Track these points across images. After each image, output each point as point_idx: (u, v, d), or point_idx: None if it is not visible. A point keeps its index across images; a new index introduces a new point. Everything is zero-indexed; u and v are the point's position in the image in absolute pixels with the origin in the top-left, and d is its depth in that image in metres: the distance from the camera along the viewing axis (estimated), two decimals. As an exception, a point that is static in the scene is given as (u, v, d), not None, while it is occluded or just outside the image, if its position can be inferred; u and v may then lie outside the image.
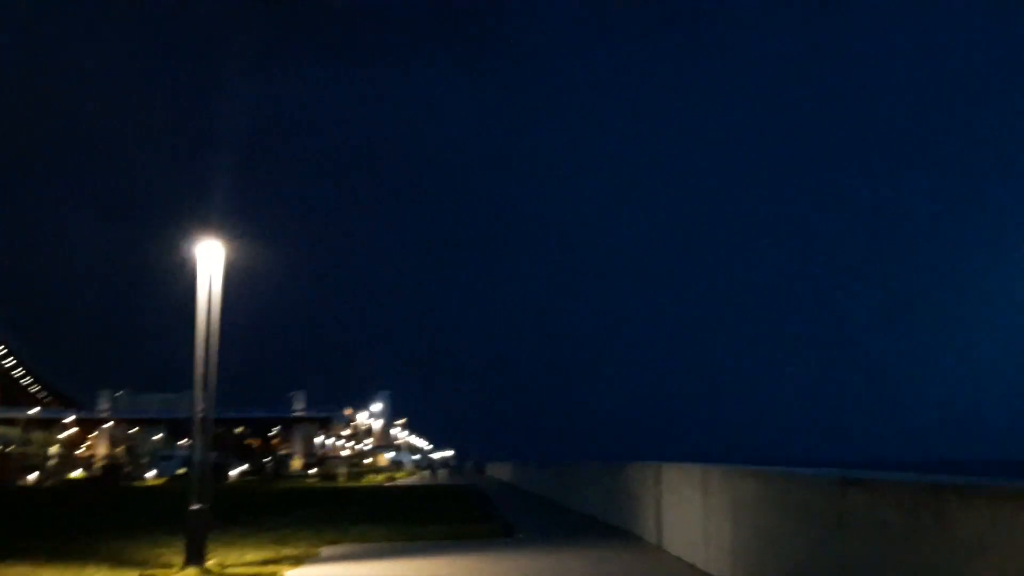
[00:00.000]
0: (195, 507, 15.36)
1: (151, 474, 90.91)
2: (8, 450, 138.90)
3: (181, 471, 77.32)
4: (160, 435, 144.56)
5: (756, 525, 11.59)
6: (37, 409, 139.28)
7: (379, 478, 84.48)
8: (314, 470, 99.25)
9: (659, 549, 16.66)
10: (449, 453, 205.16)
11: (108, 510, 32.56)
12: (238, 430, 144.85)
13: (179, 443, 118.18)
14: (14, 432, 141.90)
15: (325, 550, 17.81)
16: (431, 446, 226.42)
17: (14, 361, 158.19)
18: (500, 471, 74.94)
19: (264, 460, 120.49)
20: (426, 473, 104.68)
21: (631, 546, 17.50)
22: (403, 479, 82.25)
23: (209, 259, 16.37)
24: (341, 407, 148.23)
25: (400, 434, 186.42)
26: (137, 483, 74.27)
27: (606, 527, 21.73)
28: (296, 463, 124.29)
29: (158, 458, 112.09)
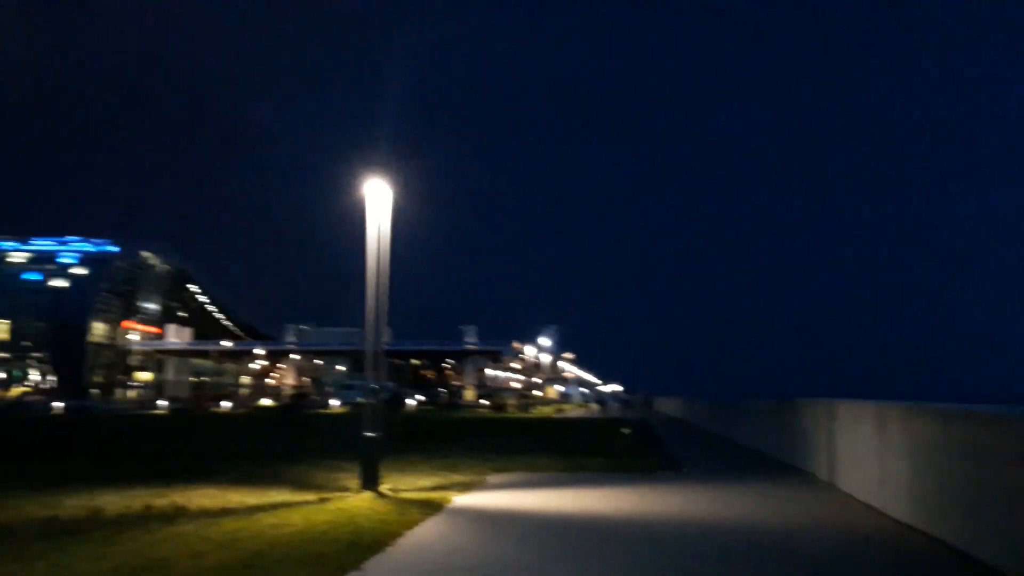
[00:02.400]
0: (369, 435, 16.00)
1: (335, 402, 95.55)
2: (203, 380, 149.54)
3: (362, 400, 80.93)
4: (343, 366, 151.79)
5: (937, 466, 10.98)
6: (230, 343, 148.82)
7: (548, 410, 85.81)
8: (485, 401, 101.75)
9: (831, 487, 16.14)
10: (618, 387, 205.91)
11: (294, 436, 34.47)
12: (415, 362, 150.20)
13: (360, 374, 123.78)
14: (209, 363, 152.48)
15: (493, 478, 18.21)
16: (600, 380, 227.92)
17: (207, 298, 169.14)
18: (668, 406, 74.62)
19: (439, 390, 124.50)
20: (594, 406, 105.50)
21: (802, 483, 17.03)
22: (571, 412, 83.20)
23: (377, 198, 16.73)
24: (511, 341, 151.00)
25: (569, 368, 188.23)
26: (322, 411, 78.31)
27: (775, 463, 21.24)
28: (468, 394, 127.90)
29: (340, 387, 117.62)
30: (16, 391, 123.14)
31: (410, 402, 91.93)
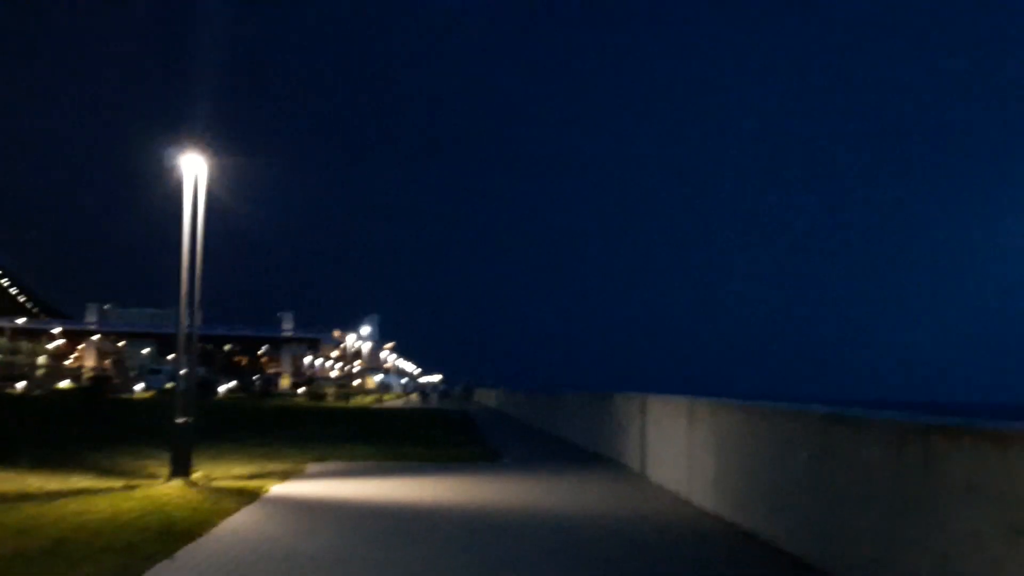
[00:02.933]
0: (180, 420, 15.39)
1: (139, 387, 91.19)
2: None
3: (169, 385, 77.57)
4: (148, 349, 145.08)
5: (740, 458, 11.66)
6: (24, 320, 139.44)
7: (367, 400, 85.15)
8: (302, 390, 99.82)
9: (642, 477, 16.83)
10: (438, 378, 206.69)
11: (95, 421, 32.69)
12: (227, 347, 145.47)
13: (167, 358, 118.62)
14: (1, 341, 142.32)
15: (311, 467, 17.93)
16: (419, 370, 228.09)
17: (0, 272, 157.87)
18: (488, 397, 75.57)
19: (253, 378, 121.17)
20: (414, 396, 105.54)
21: (615, 473, 17.67)
22: (391, 402, 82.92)
23: (193, 172, 16.10)
24: (329, 329, 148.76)
25: (388, 358, 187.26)
26: (125, 396, 74.55)
27: (591, 455, 21.94)
28: (284, 382, 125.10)
29: (146, 372, 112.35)
30: None
31: (221, 389, 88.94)
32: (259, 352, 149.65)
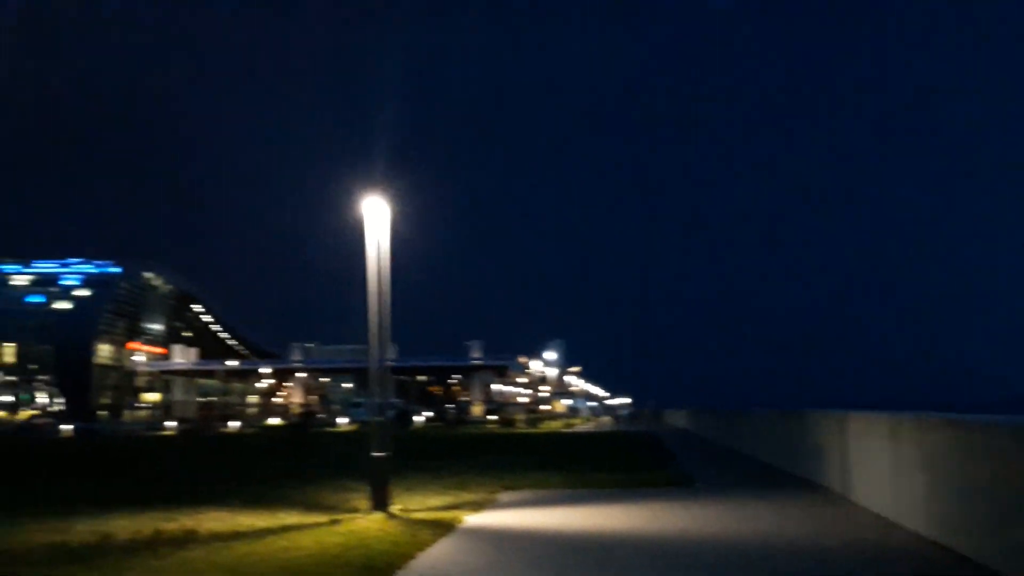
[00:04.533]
0: (378, 454, 15.90)
1: (343, 420, 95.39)
2: (211, 399, 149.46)
3: (370, 418, 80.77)
4: (349, 384, 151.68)
5: (952, 477, 10.87)
6: (235, 362, 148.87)
7: (556, 424, 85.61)
8: (493, 416, 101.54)
9: (844, 499, 16.01)
10: (626, 400, 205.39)
11: (302, 455, 34.36)
12: (421, 378, 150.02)
13: (367, 391, 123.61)
14: (215, 383, 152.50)
15: (503, 496, 18.09)
16: (607, 394, 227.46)
17: (211, 318, 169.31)
18: (677, 418, 74.37)
19: (446, 407, 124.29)
20: (604, 419, 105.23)
21: (814, 495, 16.89)
22: (580, 426, 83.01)
23: (376, 215, 16.67)
24: (517, 355, 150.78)
25: (575, 382, 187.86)
26: (330, 429, 78.16)
27: (787, 476, 21.09)
28: (476, 409, 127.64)
29: (348, 405, 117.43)
30: (24, 414, 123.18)
31: (418, 419, 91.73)
32: (450, 381, 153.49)
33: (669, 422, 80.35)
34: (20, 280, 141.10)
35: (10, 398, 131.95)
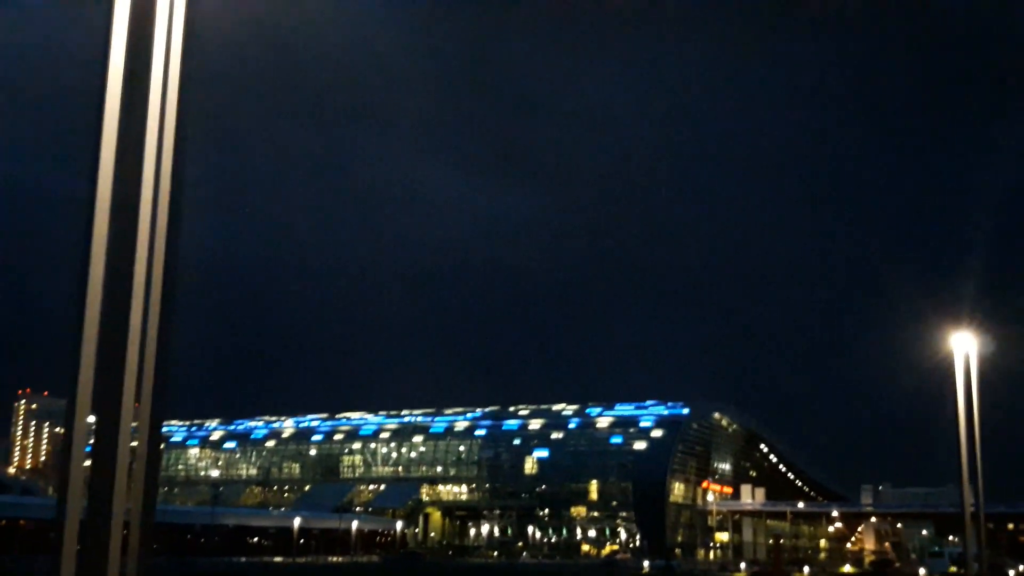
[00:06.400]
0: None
1: (922, 572, 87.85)
2: (781, 541, 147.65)
3: (952, 569, 73.35)
4: (925, 531, 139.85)
5: None
6: (802, 503, 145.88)
7: None
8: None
9: None
10: None
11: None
12: (1010, 526, 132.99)
13: (948, 539, 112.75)
14: (783, 524, 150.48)
15: None
16: None
17: (777, 457, 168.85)
18: None
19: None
20: None
21: None
22: None
23: (962, 350, 15.82)
24: None
25: None
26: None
27: None
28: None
29: (927, 554, 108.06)
30: (608, 549, 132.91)
31: (1011, 573, 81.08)
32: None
33: None
34: (603, 422, 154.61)
35: (592, 533, 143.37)
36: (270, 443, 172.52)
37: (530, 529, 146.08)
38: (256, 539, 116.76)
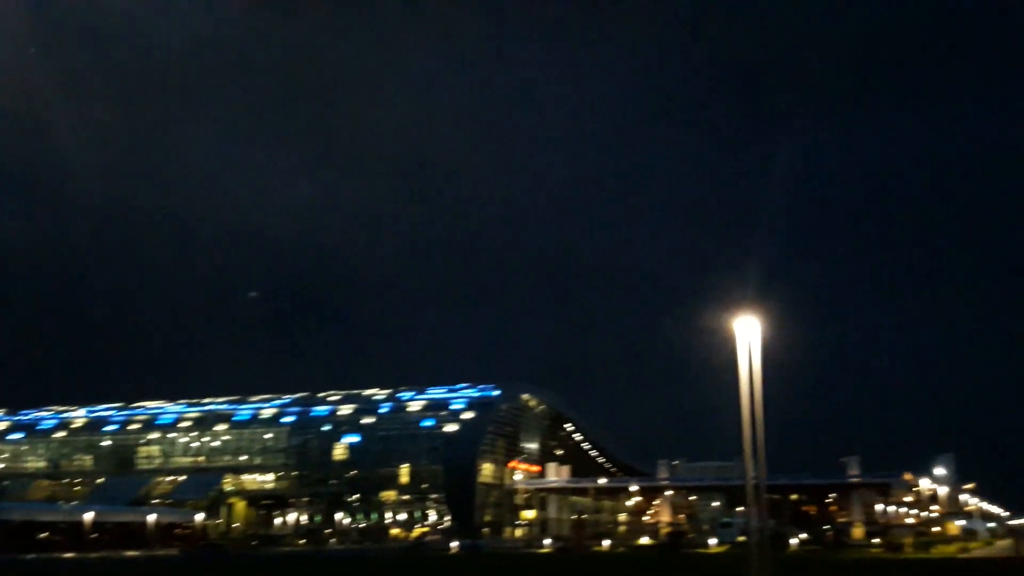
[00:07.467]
0: (757, 580, 15.53)
1: (712, 541, 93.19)
2: (583, 517, 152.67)
3: (741, 539, 78.25)
4: (717, 502, 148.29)
5: None
6: (605, 480, 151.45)
7: (950, 549, 77.54)
8: (876, 539, 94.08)
9: None
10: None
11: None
12: (793, 497, 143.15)
13: (737, 510, 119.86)
14: (587, 501, 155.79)
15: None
16: (1007, 513, 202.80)
17: (581, 436, 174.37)
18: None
19: (824, 528, 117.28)
20: (1002, 543, 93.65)
21: None
22: (978, 550, 74.52)
23: (747, 332, 16.77)
24: (900, 472, 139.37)
25: (969, 501, 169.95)
26: (700, 550, 76.67)
27: None
28: (857, 532, 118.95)
29: (718, 525, 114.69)
30: (416, 531, 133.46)
31: (793, 541, 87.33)
32: (827, 500, 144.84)
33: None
34: (415, 405, 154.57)
35: (403, 516, 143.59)
36: (59, 434, 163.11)
37: (338, 515, 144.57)
38: (46, 534, 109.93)
